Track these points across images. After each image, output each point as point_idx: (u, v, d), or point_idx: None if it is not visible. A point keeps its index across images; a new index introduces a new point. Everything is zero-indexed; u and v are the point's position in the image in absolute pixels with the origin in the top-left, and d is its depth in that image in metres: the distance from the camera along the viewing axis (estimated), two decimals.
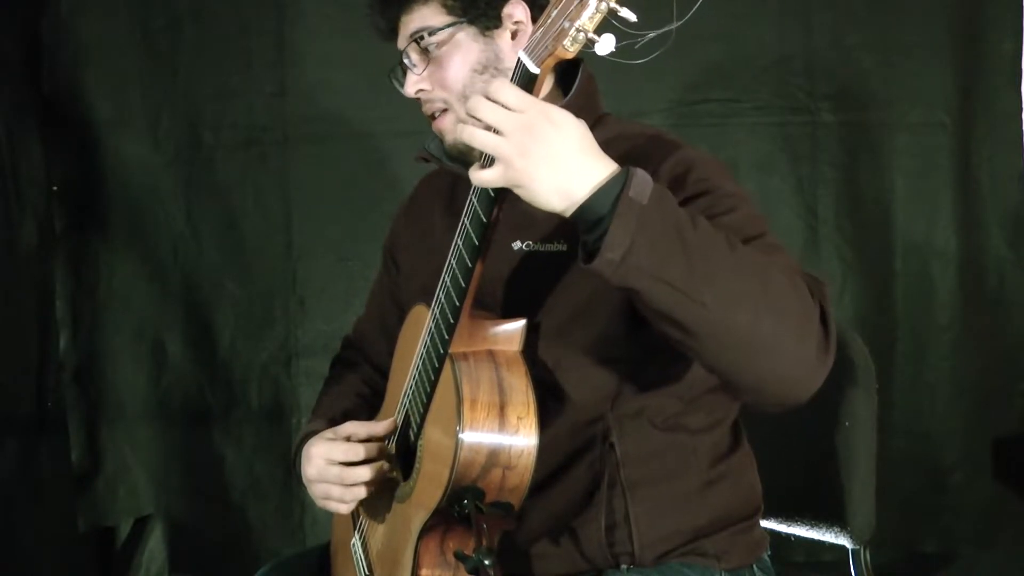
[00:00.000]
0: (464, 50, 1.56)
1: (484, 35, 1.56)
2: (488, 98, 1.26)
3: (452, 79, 1.57)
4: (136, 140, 3.10)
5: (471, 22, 1.55)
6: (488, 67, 1.56)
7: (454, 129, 1.59)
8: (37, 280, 3.03)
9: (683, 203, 1.39)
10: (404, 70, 1.61)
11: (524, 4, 1.56)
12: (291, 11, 3.05)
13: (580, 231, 1.28)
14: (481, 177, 1.29)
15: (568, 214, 1.26)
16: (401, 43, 1.61)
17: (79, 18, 3.05)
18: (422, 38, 1.57)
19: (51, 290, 3.08)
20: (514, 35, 1.57)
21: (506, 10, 1.56)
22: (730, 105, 3.00)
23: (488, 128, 1.26)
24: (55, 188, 3.07)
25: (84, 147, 3.08)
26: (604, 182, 1.24)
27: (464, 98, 1.56)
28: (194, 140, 3.11)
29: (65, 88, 3.06)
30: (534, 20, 1.55)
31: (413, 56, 1.59)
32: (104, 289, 3.12)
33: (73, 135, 3.08)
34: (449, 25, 1.55)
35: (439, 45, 1.57)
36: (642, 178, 1.25)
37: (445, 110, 1.60)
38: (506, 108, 1.25)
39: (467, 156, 1.58)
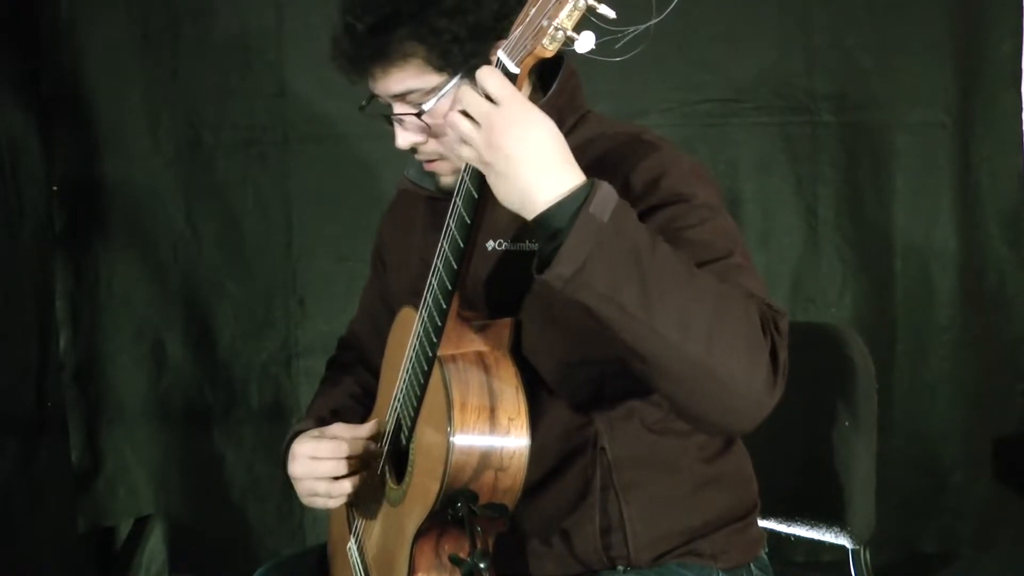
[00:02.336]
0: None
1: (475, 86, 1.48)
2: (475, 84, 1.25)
3: (448, 133, 1.48)
4: (136, 140, 3.09)
5: (464, 76, 1.47)
6: None
7: (449, 172, 1.57)
8: (37, 280, 3.03)
9: (653, 210, 1.39)
10: (389, 120, 1.56)
11: None
12: (291, 11, 3.04)
13: (538, 238, 1.26)
14: (460, 152, 1.28)
15: (528, 218, 1.25)
16: (376, 90, 1.55)
17: (79, 18, 3.05)
18: (411, 102, 1.51)
19: (51, 290, 3.08)
20: None
21: (494, 53, 1.43)
22: (730, 105, 3.00)
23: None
24: (55, 188, 3.07)
25: (84, 147, 3.08)
26: (566, 194, 1.22)
27: None
28: (194, 140, 3.11)
29: (65, 88, 3.06)
30: None
31: (402, 115, 1.54)
32: (104, 289, 3.12)
33: (73, 135, 3.08)
34: (444, 86, 1.48)
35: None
36: (605, 194, 1.23)
37: (439, 159, 1.57)
38: (487, 98, 1.24)
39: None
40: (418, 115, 1.51)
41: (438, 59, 1.47)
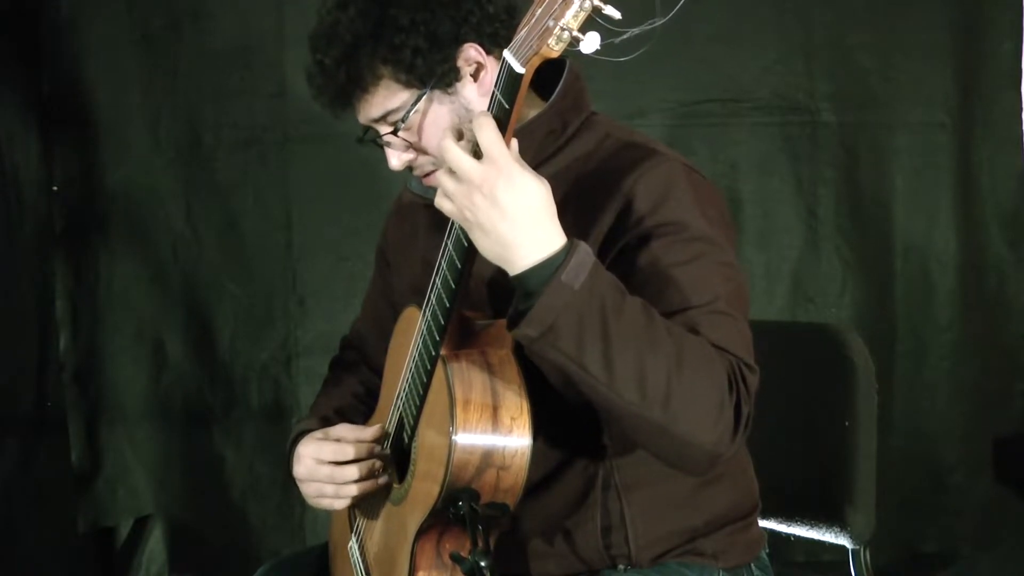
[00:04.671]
0: (433, 116, 1.52)
1: (448, 93, 1.52)
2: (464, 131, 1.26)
3: (431, 146, 1.54)
4: (136, 140, 3.09)
5: (432, 88, 1.51)
6: (462, 120, 1.52)
7: None
8: (37, 280, 3.03)
9: (647, 238, 1.41)
10: (379, 146, 1.59)
11: (475, 44, 1.51)
12: (291, 11, 3.03)
13: (515, 294, 1.29)
14: (440, 205, 1.30)
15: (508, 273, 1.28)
16: (361, 119, 1.58)
17: (79, 18, 3.05)
18: (392, 123, 1.54)
19: (51, 290, 3.08)
20: (476, 75, 1.53)
21: (461, 57, 1.51)
22: (730, 105, 3.00)
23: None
24: (55, 188, 3.07)
25: (84, 147, 3.08)
26: (542, 261, 1.25)
27: None
28: (194, 140, 3.11)
29: (65, 88, 3.06)
30: (488, 52, 1.52)
31: (385, 136, 1.56)
32: (104, 289, 3.12)
33: (73, 135, 3.08)
34: (413, 103, 1.51)
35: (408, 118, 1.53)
36: (581, 259, 1.25)
37: (435, 169, 1.58)
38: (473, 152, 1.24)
39: None
40: (394, 132, 1.54)
41: (404, 74, 1.50)
